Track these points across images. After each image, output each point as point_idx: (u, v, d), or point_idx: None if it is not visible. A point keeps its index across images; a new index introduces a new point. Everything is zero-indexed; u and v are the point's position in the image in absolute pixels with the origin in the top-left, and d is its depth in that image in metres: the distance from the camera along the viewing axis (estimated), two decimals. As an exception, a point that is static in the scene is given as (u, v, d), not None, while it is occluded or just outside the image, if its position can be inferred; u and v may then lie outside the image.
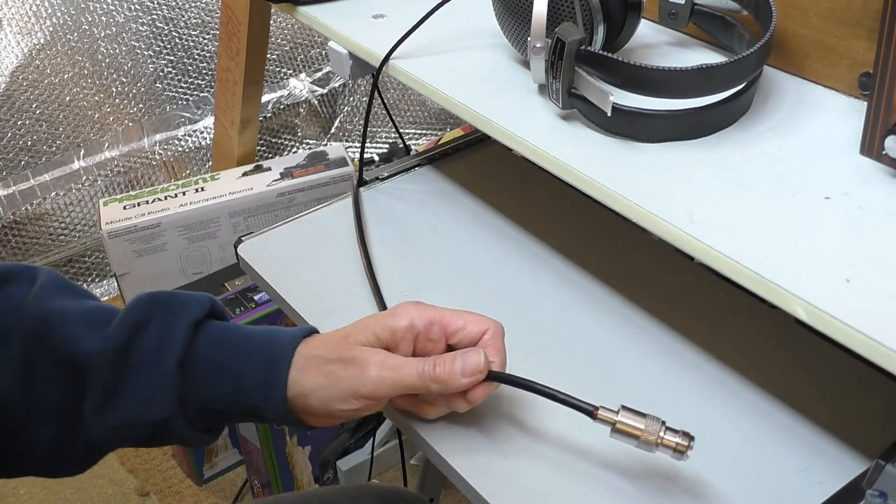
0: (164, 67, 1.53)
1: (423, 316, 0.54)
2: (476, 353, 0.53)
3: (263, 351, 0.54)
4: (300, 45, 1.63)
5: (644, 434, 0.51)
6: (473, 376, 0.52)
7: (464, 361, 0.52)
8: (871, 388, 0.62)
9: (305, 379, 0.53)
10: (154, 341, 0.53)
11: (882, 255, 0.46)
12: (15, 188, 1.45)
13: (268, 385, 0.53)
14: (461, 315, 0.55)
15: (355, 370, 0.52)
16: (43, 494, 1.28)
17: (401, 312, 0.54)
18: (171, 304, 0.54)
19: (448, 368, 0.52)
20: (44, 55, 1.41)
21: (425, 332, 0.54)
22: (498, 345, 0.55)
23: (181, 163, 1.60)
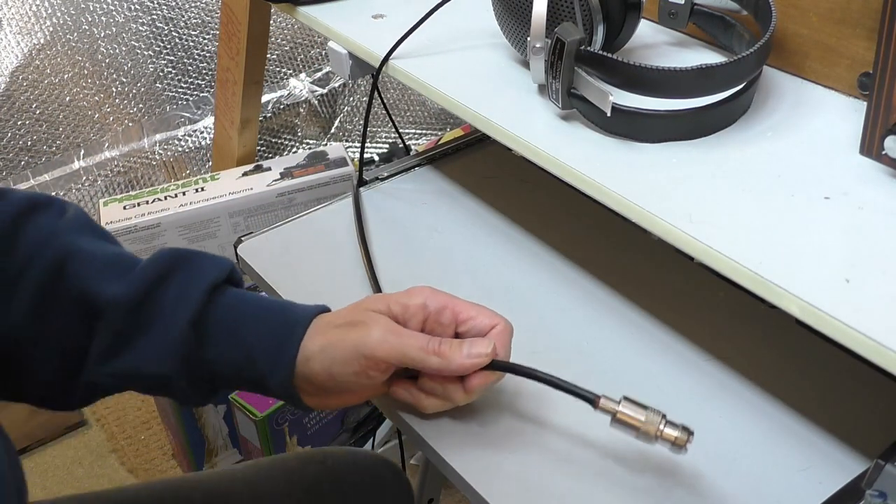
0: (164, 67, 1.53)
1: (437, 299, 0.55)
2: (485, 340, 0.53)
3: (278, 321, 0.54)
4: (300, 45, 1.63)
5: (644, 425, 0.51)
6: (477, 358, 0.52)
7: (471, 344, 0.52)
8: (871, 388, 0.62)
9: (312, 343, 0.53)
10: (170, 298, 0.52)
11: (882, 255, 0.46)
12: (15, 188, 1.45)
13: (278, 354, 0.53)
14: (474, 306, 0.55)
15: (360, 331, 0.52)
16: (43, 494, 1.28)
17: (415, 292, 0.55)
18: (192, 262, 0.54)
19: (454, 348, 0.52)
20: (44, 55, 1.41)
21: (436, 315, 0.54)
22: (505, 341, 0.55)
23: (181, 163, 1.59)
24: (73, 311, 0.52)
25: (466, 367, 0.52)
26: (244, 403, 1.15)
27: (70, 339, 0.52)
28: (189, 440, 1.27)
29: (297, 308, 0.56)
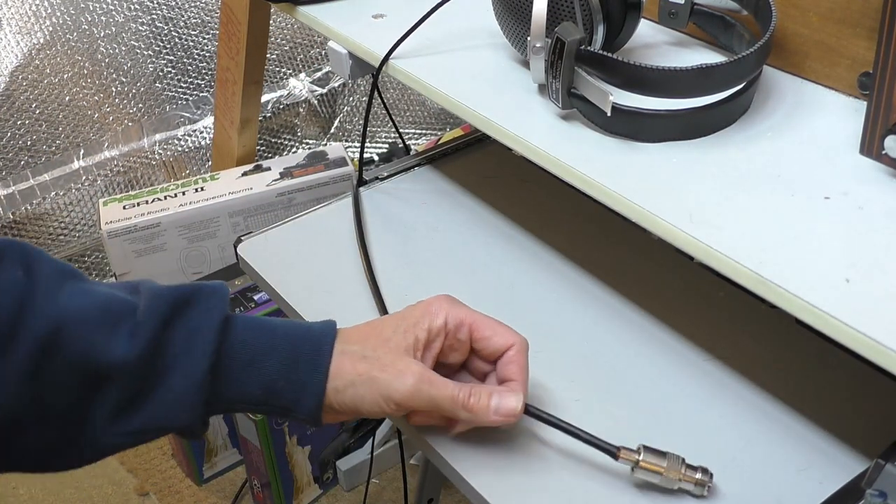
0: (164, 67, 1.53)
1: (457, 315, 0.54)
2: (515, 396, 0.52)
3: (300, 349, 0.52)
4: (300, 45, 1.63)
5: (666, 471, 0.53)
6: (506, 417, 0.52)
7: (500, 400, 0.52)
8: (871, 387, 0.62)
9: (341, 373, 0.52)
10: (181, 344, 0.49)
11: (882, 255, 0.46)
12: (14, 188, 1.45)
13: (303, 386, 0.52)
14: (491, 324, 0.55)
15: (393, 374, 0.52)
16: (42, 494, 1.28)
17: (437, 310, 0.54)
18: (196, 299, 0.51)
19: (483, 403, 0.52)
20: (43, 55, 1.41)
21: (454, 332, 0.54)
22: (521, 361, 0.55)
23: (181, 163, 1.59)
24: (73, 380, 0.48)
25: (494, 423, 0.53)
26: (244, 403, 1.15)
27: (70, 405, 0.48)
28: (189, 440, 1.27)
29: (314, 332, 0.54)
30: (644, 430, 0.61)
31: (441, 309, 0.54)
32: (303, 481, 1.25)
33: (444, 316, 0.54)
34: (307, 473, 1.25)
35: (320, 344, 0.53)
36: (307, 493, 1.27)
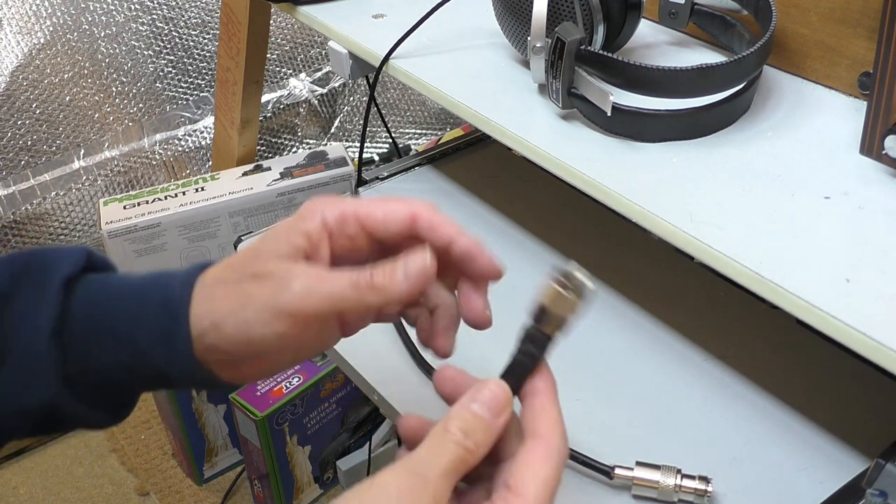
0: (164, 67, 1.53)
1: (335, 210, 0.45)
2: (420, 252, 0.43)
3: (154, 299, 0.44)
4: (300, 44, 1.63)
5: (661, 486, 0.53)
6: (418, 275, 0.43)
7: (406, 260, 0.43)
8: (871, 387, 0.62)
9: (214, 306, 0.44)
10: (20, 313, 0.43)
11: (882, 254, 0.46)
12: (15, 188, 1.45)
13: (167, 337, 0.44)
14: (380, 203, 0.45)
15: (274, 285, 0.43)
16: (43, 494, 1.28)
17: (309, 212, 0.45)
18: (34, 264, 0.45)
19: (388, 274, 0.43)
20: (44, 55, 1.41)
21: (339, 228, 0.45)
22: (438, 218, 0.45)
23: (181, 163, 1.59)
24: None
25: (411, 288, 0.43)
26: (244, 403, 1.15)
27: None
28: (189, 440, 1.27)
29: (172, 275, 0.46)
30: (644, 430, 0.61)
31: (314, 209, 0.45)
32: (303, 481, 1.25)
33: (321, 214, 0.45)
34: (307, 473, 1.25)
35: (176, 286, 0.45)
36: (307, 492, 1.27)
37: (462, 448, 0.38)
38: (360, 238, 0.45)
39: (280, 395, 1.16)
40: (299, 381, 1.18)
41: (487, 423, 0.40)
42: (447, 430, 0.39)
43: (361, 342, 0.73)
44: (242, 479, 1.30)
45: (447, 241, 0.44)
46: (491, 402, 0.40)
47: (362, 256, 0.46)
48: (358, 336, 0.66)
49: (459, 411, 0.40)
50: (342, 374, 1.16)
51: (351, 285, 0.42)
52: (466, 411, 0.40)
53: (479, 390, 0.41)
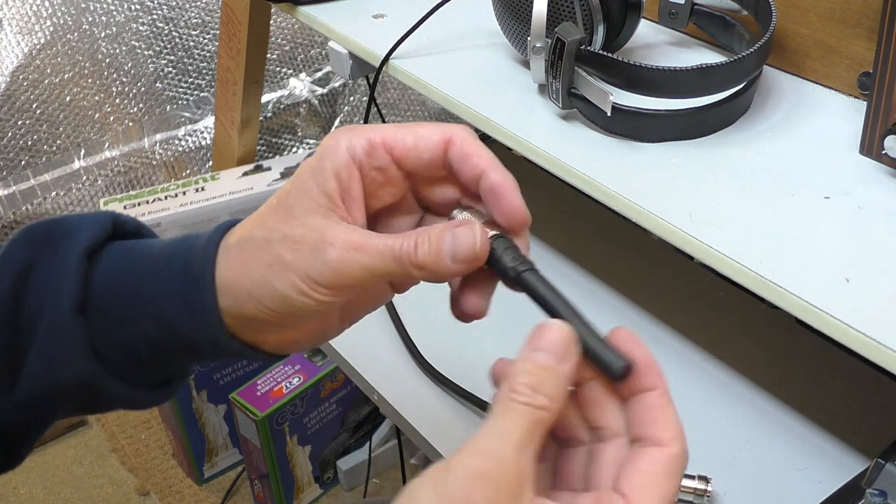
0: (165, 67, 1.53)
1: (361, 139, 0.40)
2: (469, 227, 0.39)
3: (177, 265, 0.42)
4: (300, 45, 1.63)
5: None
6: (465, 262, 0.39)
7: (454, 240, 0.39)
8: (871, 388, 0.62)
9: (244, 272, 0.40)
10: (43, 287, 0.41)
11: (882, 255, 0.46)
12: (15, 188, 1.45)
13: (191, 305, 0.41)
14: (409, 129, 0.41)
15: (308, 253, 0.39)
16: (43, 494, 1.28)
17: (332, 147, 0.40)
18: (55, 233, 0.42)
19: (434, 249, 0.38)
20: (44, 55, 1.41)
21: (367, 160, 0.40)
22: (472, 146, 0.41)
23: (181, 162, 1.59)
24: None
25: (458, 271, 0.40)
26: (245, 403, 1.15)
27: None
28: (189, 440, 1.27)
29: (196, 237, 0.43)
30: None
31: (338, 142, 0.40)
32: (303, 481, 1.25)
33: (345, 147, 0.40)
34: (307, 473, 1.25)
35: (198, 249, 0.42)
36: (307, 492, 1.27)
37: (534, 408, 0.34)
38: (391, 170, 0.41)
39: (280, 395, 1.16)
40: (299, 381, 1.18)
41: (558, 371, 0.35)
42: (513, 391, 0.34)
43: (361, 342, 0.73)
44: (242, 478, 1.30)
45: (478, 172, 0.41)
46: (554, 346, 0.36)
47: (397, 192, 0.42)
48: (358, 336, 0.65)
49: (522, 365, 0.35)
50: (342, 374, 1.16)
51: (393, 258, 0.38)
52: (529, 363, 0.35)
53: (540, 336, 0.36)
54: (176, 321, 0.41)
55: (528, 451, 0.33)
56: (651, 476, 0.34)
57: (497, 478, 0.32)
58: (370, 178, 0.41)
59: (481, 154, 0.41)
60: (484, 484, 0.32)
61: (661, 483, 0.34)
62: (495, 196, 0.40)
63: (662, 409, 0.36)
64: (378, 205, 0.42)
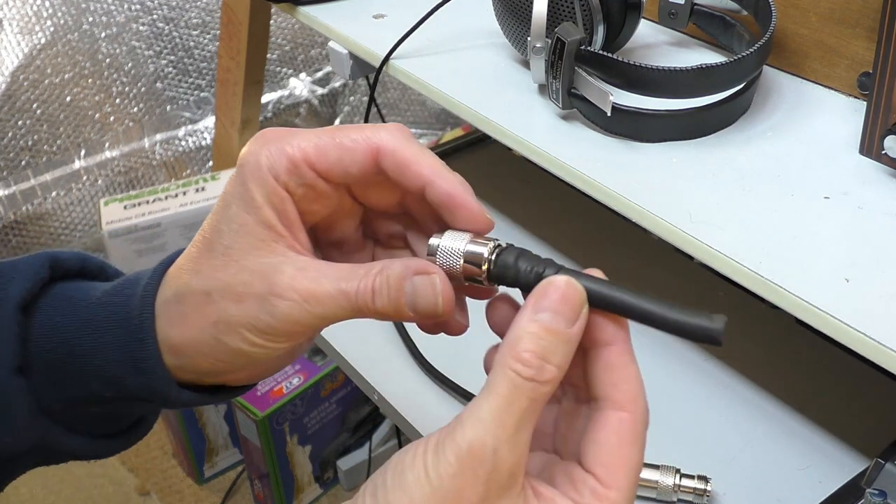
0: (165, 67, 1.53)
1: (281, 158, 0.35)
2: (429, 280, 0.34)
3: (116, 318, 0.38)
4: (300, 45, 1.63)
5: (660, 485, 0.53)
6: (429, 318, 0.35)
7: (414, 292, 0.34)
8: (870, 387, 0.62)
9: (187, 329, 0.37)
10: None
11: (882, 254, 0.46)
12: (16, 188, 1.45)
13: (136, 363, 0.38)
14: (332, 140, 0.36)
15: (255, 305, 0.35)
16: (43, 494, 1.28)
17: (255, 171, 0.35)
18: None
19: (393, 298, 0.34)
20: (44, 55, 1.41)
21: (293, 180, 0.36)
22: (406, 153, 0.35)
23: (182, 162, 1.60)
24: None
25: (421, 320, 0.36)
26: (245, 403, 1.15)
27: None
28: (189, 439, 1.27)
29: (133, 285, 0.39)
30: (644, 429, 0.61)
31: (258, 163, 0.35)
32: (303, 481, 1.25)
33: (268, 169, 0.35)
34: (307, 473, 1.25)
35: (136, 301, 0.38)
36: (308, 492, 1.27)
37: (539, 384, 0.30)
38: (319, 185, 0.36)
39: (280, 395, 1.16)
40: (299, 381, 1.19)
41: (568, 335, 0.31)
42: (518, 361, 0.30)
43: (361, 342, 0.73)
44: (243, 478, 1.30)
45: (421, 184, 0.35)
46: (564, 305, 0.31)
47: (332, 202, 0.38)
48: (358, 336, 0.65)
49: (528, 327, 0.31)
50: (342, 374, 1.16)
51: (349, 305, 0.35)
52: (536, 325, 0.31)
53: (545, 295, 0.31)
54: (121, 379, 0.38)
55: (525, 435, 0.31)
56: (616, 447, 0.32)
57: (493, 471, 0.30)
58: (299, 196, 0.36)
59: (420, 161, 0.35)
60: (478, 478, 0.30)
61: (627, 452, 0.32)
62: (450, 208, 0.36)
63: (621, 370, 0.33)
64: (315, 218, 0.38)
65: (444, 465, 0.30)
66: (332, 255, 0.41)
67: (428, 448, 0.31)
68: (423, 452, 0.31)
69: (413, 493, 0.30)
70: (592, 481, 0.32)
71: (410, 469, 0.30)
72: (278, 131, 0.37)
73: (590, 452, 0.32)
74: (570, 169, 0.55)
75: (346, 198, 0.39)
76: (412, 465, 0.31)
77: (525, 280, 0.34)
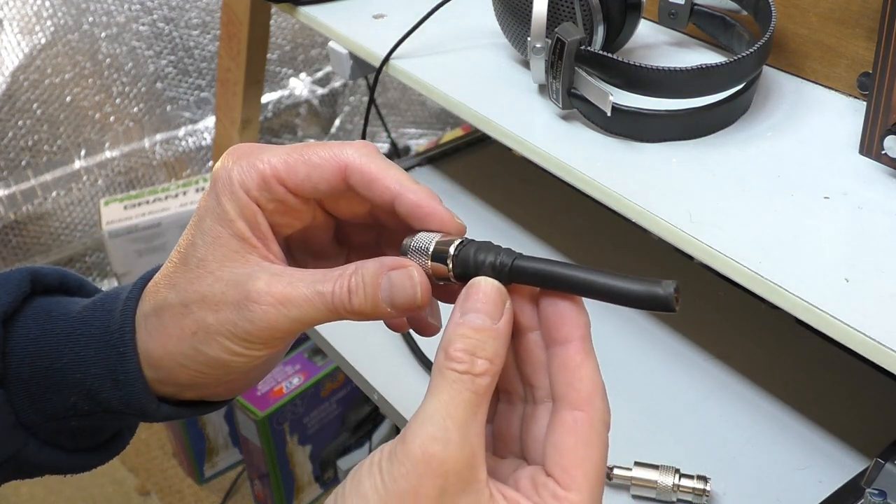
0: (165, 67, 1.53)
1: (252, 174, 0.36)
2: (406, 273, 0.35)
3: (96, 331, 0.39)
4: (300, 45, 1.63)
5: (659, 486, 0.53)
6: (407, 310, 0.35)
7: (391, 287, 0.35)
8: (870, 387, 0.62)
9: (166, 341, 0.37)
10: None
11: (882, 254, 0.46)
12: (16, 188, 1.45)
13: (116, 377, 0.38)
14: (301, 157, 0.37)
15: (231, 312, 0.35)
16: (44, 494, 1.28)
17: (226, 185, 0.37)
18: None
19: (370, 295, 0.35)
20: (45, 55, 1.41)
21: (264, 195, 0.37)
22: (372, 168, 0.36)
23: (182, 162, 1.60)
24: None
25: (400, 316, 0.36)
26: (245, 403, 1.15)
27: None
28: (190, 439, 1.27)
29: (114, 300, 0.40)
30: (643, 430, 0.61)
31: (230, 177, 0.37)
32: (303, 480, 1.25)
33: (239, 184, 0.36)
34: (308, 473, 1.26)
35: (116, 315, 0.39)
36: (308, 492, 1.27)
37: (474, 376, 0.31)
38: (289, 200, 0.37)
39: (280, 395, 1.16)
40: (299, 381, 1.19)
41: (495, 331, 0.32)
42: (450, 360, 0.32)
43: (361, 342, 0.74)
44: (243, 478, 1.31)
45: (389, 198, 0.36)
46: (486, 304, 0.33)
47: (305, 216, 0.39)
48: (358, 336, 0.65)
49: (455, 330, 0.32)
50: (342, 374, 1.16)
51: (325, 307, 0.35)
52: (463, 327, 0.32)
53: (468, 297, 0.33)
54: (99, 390, 0.39)
55: (475, 426, 0.31)
56: (572, 448, 0.32)
57: (445, 463, 0.30)
58: (271, 210, 0.37)
59: (386, 175, 0.36)
60: (432, 472, 0.30)
61: (584, 453, 0.32)
62: (419, 217, 0.36)
63: (576, 369, 0.33)
64: (288, 231, 0.39)
65: (397, 466, 0.30)
66: (307, 265, 0.42)
67: (383, 456, 0.31)
68: (378, 460, 0.31)
69: (370, 497, 0.30)
70: (552, 484, 0.32)
71: (368, 477, 0.31)
72: (250, 147, 0.38)
73: (548, 455, 0.32)
74: (570, 169, 0.55)
75: (318, 211, 0.40)
76: (369, 472, 0.31)
77: (485, 273, 0.34)
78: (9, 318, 0.40)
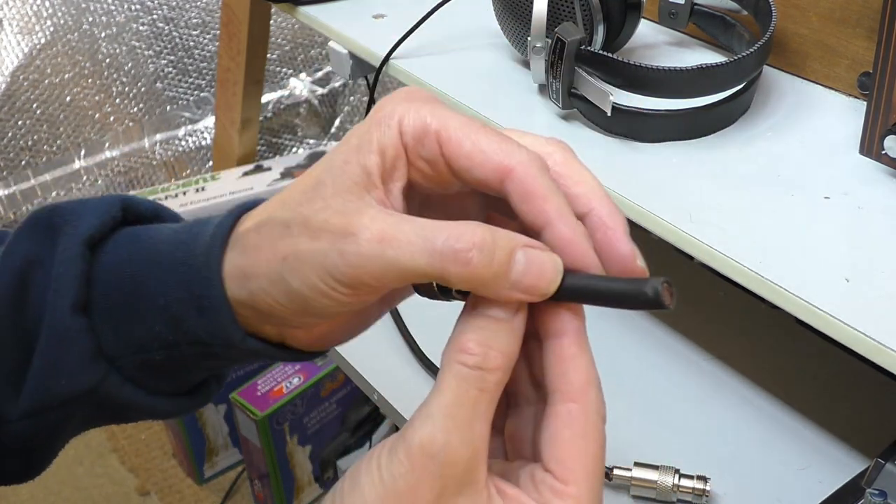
0: (165, 67, 1.53)
1: (415, 117, 0.34)
2: (548, 255, 0.31)
3: (181, 253, 0.36)
4: (300, 45, 1.63)
5: (659, 486, 0.53)
6: (525, 295, 0.31)
7: (527, 262, 0.31)
8: (870, 387, 0.62)
9: (253, 262, 0.34)
10: (42, 284, 0.37)
11: (882, 254, 0.46)
12: (16, 188, 1.45)
13: (199, 301, 0.36)
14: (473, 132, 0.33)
15: (328, 242, 0.32)
16: (43, 494, 1.28)
17: (384, 118, 0.34)
18: (56, 222, 0.38)
19: (497, 263, 0.30)
20: (44, 55, 1.41)
21: (415, 147, 0.33)
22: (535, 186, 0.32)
23: (182, 162, 1.60)
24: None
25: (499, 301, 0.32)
26: (245, 403, 1.15)
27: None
28: (189, 439, 1.27)
29: (207, 222, 0.37)
30: (643, 430, 0.61)
31: (392, 113, 0.34)
32: (303, 480, 1.25)
33: (397, 121, 0.33)
34: (308, 473, 1.26)
35: (206, 234, 0.36)
36: (308, 492, 1.27)
37: (485, 372, 0.30)
38: (439, 164, 0.33)
39: (280, 395, 1.16)
40: (299, 381, 1.19)
41: (511, 324, 0.31)
42: (462, 351, 0.30)
43: (361, 342, 0.73)
44: (243, 478, 1.31)
45: (542, 223, 0.32)
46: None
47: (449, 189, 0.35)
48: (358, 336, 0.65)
49: (470, 321, 0.31)
50: (342, 374, 1.16)
51: (428, 252, 0.30)
52: (479, 318, 0.31)
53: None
54: (184, 318, 0.36)
55: (478, 427, 0.30)
56: (568, 441, 0.31)
57: (444, 465, 0.29)
58: (416, 168, 0.34)
59: (548, 198, 0.32)
60: (430, 474, 0.29)
61: (580, 445, 0.31)
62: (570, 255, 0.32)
63: (569, 361, 0.32)
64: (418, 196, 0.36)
65: (396, 464, 0.30)
66: None
67: (382, 452, 0.30)
68: (377, 457, 0.30)
69: (367, 495, 0.30)
70: (550, 479, 0.31)
71: (366, 473, 0.30)
72: (429, 96, 0.35)
73: (545, 450, 0.31)
74: (570, 169, 0.55)
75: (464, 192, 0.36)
76: (367, 469, 0.30)
77: None
78: (96, 242, 0.37)
